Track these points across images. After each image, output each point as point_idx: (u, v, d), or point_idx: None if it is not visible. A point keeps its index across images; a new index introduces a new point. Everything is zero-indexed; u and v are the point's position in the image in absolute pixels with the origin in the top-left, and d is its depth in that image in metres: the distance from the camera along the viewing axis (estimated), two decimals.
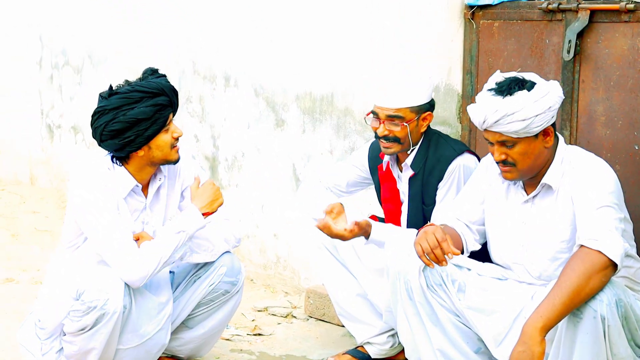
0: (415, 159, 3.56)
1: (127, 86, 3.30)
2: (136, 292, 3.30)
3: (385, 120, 3.49)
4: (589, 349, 2.72)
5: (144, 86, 3.27)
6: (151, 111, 3.24)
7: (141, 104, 3.24)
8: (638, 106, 3.53)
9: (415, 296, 3.15)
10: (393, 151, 3.54)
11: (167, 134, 3.31)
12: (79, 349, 3.28)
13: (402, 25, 4.13)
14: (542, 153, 3.03)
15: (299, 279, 4.76)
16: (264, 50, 4.86)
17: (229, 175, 5.16)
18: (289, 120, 4.75)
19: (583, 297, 2.71)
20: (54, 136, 6.93)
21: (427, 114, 3.54)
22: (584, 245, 2.76)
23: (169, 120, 3.30)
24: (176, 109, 3.36)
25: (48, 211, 6.32)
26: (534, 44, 3.85)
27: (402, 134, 3.49)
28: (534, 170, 3.07)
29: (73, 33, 6.56)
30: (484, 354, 3.18)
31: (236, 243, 3.56)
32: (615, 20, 3.55)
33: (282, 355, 3.95)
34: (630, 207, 3.47)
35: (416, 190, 3.57)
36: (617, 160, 3.59)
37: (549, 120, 3.00)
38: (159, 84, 3.28)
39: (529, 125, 2.96)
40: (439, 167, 3.51)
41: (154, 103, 3.25)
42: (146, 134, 3.25)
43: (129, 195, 3.37)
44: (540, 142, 3.02)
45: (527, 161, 3.03)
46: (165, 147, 3.31)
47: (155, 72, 3.38)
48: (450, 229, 3.23)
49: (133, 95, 3.25)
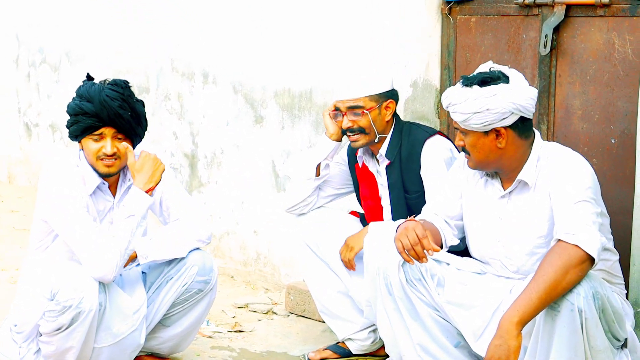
0: (389, 147, 3.58)
1: (90, 82, 3.39)
2: (111, 290, 3.30)
3: (347, 112, 3.54)
4: (567, 342, 2.74)
5: (85, 88, 3.36)
6: (74, 111, 3.34)
7: (76, 99, 3.36)
8: (614, 100, 3.55)
9: (394, 291, 3.16)
10: (361, 143, 3.57)
11: (96, 143, 3.33)
12: (57, 349, 3.27)
13: (379, 21, 4.14)
14: (496, 151, 3.01)
15: (280, 275, 4.76)
16: (242, 47, 4.85)
17: (208, 172, 5.15)
18: (268, 117, 4.75)
19: (560, 290, 2.72)
20: (32, 134, 6.89)
21: (388, 102, 3.56)
22: (561, 240, 2.78)
23: (99, 131, 3.31)
24: (119, 129, 3.32)
25: (26, 210, 6.29)
26: (511, 39, 3.87)
27: (365, 123, 3.52)
28: (493, 166, 3.07)
29: (50, 31, 6.52)
30: (463, 348, 3.19)
31: (207, 240, 3.56)
32: (591, 15, 3.57)
33: (263, 352, 3.95)
34: (608, 201, 3.49)
35: (395, 178, 3.59)
36: (594, 154, 3.61)
37: (494, 122, 2.96)
38: (95, 92, 3.31)
39: (467, 120, 2.98)
40: (415, 151, 3.54)
41: (79, 105, 3.33)
42: (71, 128, 3.36)
43: (96, 193, 3.39)
44: (491, 140, 3.01)
45: (477, 154, 3.04)
46: (90, 153, 3.35)
47: (117, 85, 3.37)
48: (429, 223, 3.23)
49: (78, 90, 3.38)
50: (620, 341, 2.87)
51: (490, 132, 3.00)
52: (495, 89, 2.96)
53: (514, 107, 2.96)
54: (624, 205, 3.48)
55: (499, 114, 2.95)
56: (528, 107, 2.99)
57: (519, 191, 3.08)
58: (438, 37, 4.13)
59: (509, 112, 2.96)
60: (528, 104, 2.99)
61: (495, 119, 2.96)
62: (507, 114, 2.97)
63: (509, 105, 2.95)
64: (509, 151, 3.03)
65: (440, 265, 3.16)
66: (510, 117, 2.98)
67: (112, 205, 3.42)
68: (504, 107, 2.95)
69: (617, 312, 2.80)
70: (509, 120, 2.98)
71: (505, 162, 3.06)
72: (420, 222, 3.06)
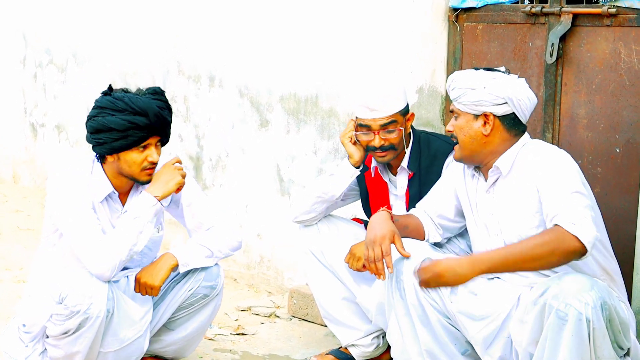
0: (411, 159, 3.56)
1: (121, 93, 3.31)
2: (118, 296, 3.30)
3: (380, 131, 3.48)
4: (574, 351, 2.74)
5: (132, 100, 3.26)
6: (124, 126, 3.23)
7: (120, 114, 3.24)
8: (619, 109, 3.56)
9: (407, 297, 3.16)
10: (389, 159, 3.53)
11: (141, 154, 3.29)
12: (65, 353, 3.27)
13: (386, 28, 4.15)
14: (481, 138, 3.08)
15: (283, 278, 4.77)
16: (249, 51, 4.87)
17: (212, 175, 5.16)
18: (274, 121, 4.76)
19: (535, 265, 2.83)
20: (38, 135, 6.91)
21: (410, 115, 3.56)
22: (559, 226, 2.79)
23: (145, 142, 3.28)
24: (163, 136, 3.33)
25: (31, 210, 6.30)
26: (517, 47, 3.88)
27: (397, 139, 3.49)
28: (477, 157, 3.12)
29: (57, 32, 6.54)
30: (470, 356, 3.20)
31: (239, 247, 3.56)
32: (598, 24, 3.58)
33: (265, 355, 3.96)
34: (611, 209, 3.51)
35: (415, 190, 3.57)
36: (599, 163, 3.62)
37: (486, 104, 3.04)
38: (146, 104, 3.26)
39: (462, 96, 3.08)
40: (437, 163, 3.52)
41: (131, 120, 3.23)
42: (114, 144, 3.25)
43: (106, 201, 3.38)
44: (479, 126, 3.08)
45: (464, 139, 3.11)
46: (134, 165, 3.30)
47: (157, 93, 3.36)
48: (414, 218, 3.32)
49: (118, 103, 3.26)
50: (624, 350, 2.88)
51: (480, 117, 3.08)
52: (497, 75, 3.08)
53: (508, 97, 3.04)
54: (627, 214, 3.48)
55: (493, 96, 3.04)
56: (522, 105, 3.06)
57: (502, 185, 3.11)
58: (444, 44, 4.15)
59: (502, 100, 3.04)
60: (523, 102, 3.06)
61: (488, 100, 3.04)
62: (501, 101, 3.05)
63: (504, 92, 3.04)
64: (493, 142, 3.08)
65: None
66: (502, 106, 3.05)
67: (120, 214, 3.41)
68: (500, 92, 3.04)
69: (624, 322, 2.81)
70: (501, 109, 3.05)
71: (487, 154, 3.11)
72: (390, 213, 3.19)
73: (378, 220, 3.18)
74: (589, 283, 2.75)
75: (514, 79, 3.09)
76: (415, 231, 3.32)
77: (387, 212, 3.21)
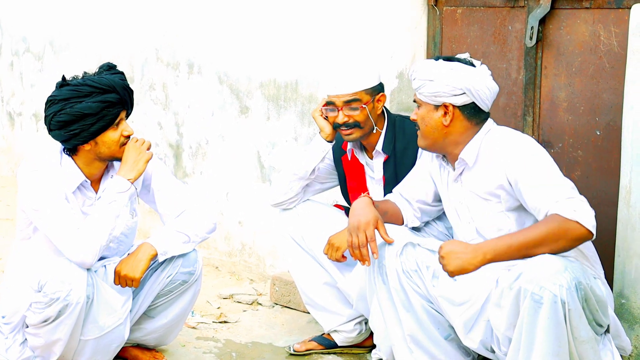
0: (385, 142, 3.58)
1: (80, 79, 3.28)
2: (98, 283, 3.28)
3: (343, 107, 3.51)
4: (551, 334, 2.74)
5: (95, 81, 3.24)
6: (98, 107, 3.21)
7: (89, 98, 3.22)
8: (599, 92, 3.56)
9: (390, 281, 3.17)
10: (355, 137, 3.55)
11: (116, 131, 3.28)
12: (45, 342, 3.26)
13: (366, 13, 4.13)
14: (442, 128, 3.09)
15: (264, 266, 4.76)
16: (228, 38, 4.84)
17: (193, 162, 5.14)
18: (254, 108, 4.73)
19: (539, 251, 2.81)
20: (15, 124, 6.85)
21: (380, 95, 3.57)
22: (559, 215, 2.79)
23: (118, 118, 3.27)
24: (130, 108, 3.33)
25: (9, 199, 6.26)
26: (497, 31, 3.87)
27: (361, 117, 3.51)
28: (439, 146, 3.13)
29: (34, 19, 6.48)
30: (453, 340, 3.20)
31: (214, 229, 3.54)
32: (577, 7, 3.58)
33: (247, 343, 3.95)
34: (592, 192, 3.51)
35: (391, 173, 3.59)
36: (579, 146, 3.62)
37: (444, 95, 3.04)
38: (110, 81, 3.25)
39: (421, 87, 3.08)
40: (412, 146, 3.53)
41: (102, 99, 3.22)
42: (92, 129, 3.22)
43: (79, 190, 3.35)
44: (439, 116, 3.09)
45: (425, 129, 3.12)
46: (113, 144, 3.29)
47: (112, 68, 3.36)
48: (392, 203, 3.33)
49: (83, 89, 3.23)
50: (604, 327, 2.89)
51: (440, 107, 3.08)
52: (455, 65, 3.07)
53: (466, 87, 3.04)
54: (608, 197, 3.49)
55: (451, 87, 3.04)
56: (481, 95, 3.06)
57: (469, 175, 3.12)
58: (424, 29, 4.13)
59: (460, 91, 3.04)
60: (482, 92, 3.06)
61: (446, 92, 3.05)
62: (458, 92, 3.05)
63: (462, 83, 3.03)
64: (453, 132, 3.09)
65: (434, 256, 3.17)
66: (461, 96, 3.05)
67: (94, 201, 3.39)
68: (457, 83, 3.04)
69: (601, 300, 2.81)
70: (459, 99, 3.06)
71: (449, 144, 3.11)
72: (370, 198, 3.18)
73: (360, 206, 3.17)
74: (562, 265, 2.75)
75: (474, 68, 3.08)
76: (394, 216, 3.33)
77: (368, 198, 3.21)
